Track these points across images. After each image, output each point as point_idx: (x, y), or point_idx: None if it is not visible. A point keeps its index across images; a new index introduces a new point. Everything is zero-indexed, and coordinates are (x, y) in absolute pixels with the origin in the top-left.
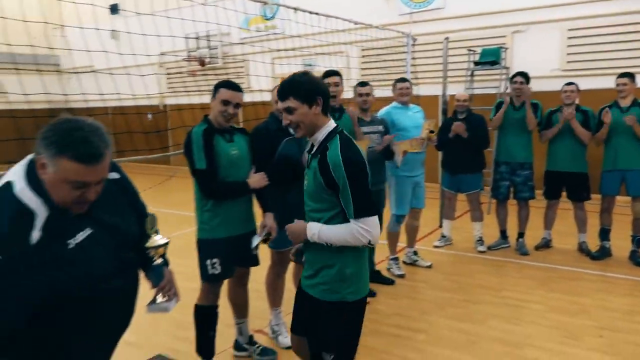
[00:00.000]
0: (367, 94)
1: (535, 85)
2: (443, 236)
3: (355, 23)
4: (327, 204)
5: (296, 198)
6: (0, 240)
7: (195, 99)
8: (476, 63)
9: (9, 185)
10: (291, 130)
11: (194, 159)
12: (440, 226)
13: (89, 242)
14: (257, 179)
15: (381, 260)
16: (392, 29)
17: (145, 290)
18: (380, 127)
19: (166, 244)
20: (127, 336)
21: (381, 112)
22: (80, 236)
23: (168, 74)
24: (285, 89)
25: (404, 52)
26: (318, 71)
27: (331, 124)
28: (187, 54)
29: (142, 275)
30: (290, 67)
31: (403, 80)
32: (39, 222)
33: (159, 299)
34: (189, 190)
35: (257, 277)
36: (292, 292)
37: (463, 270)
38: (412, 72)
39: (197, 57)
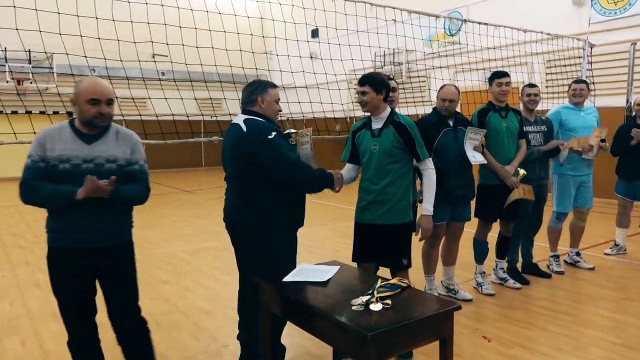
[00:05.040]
0: (535, 94)
1: None
2: (616, 244)
3: (539, 33)
4: (398, 157)
5: (456, 180)
6: (272, 129)
7: None
8: None
9: (249, 119)
10: (450, 123)
11: None
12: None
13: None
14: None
15: (542, 259)
16: (578, 38)
17: None
18: (544, 127)
19: (295, 132)
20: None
21: (550, 112)
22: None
23: (355, 89)
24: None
25: (586, 62)
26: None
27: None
28: (374, 70)
29: None
30: (472, 80)
31: (579, 81)
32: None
33: None
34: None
35: None
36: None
37: (632, 275)
38: (590, 82)
39: (383, 73)
